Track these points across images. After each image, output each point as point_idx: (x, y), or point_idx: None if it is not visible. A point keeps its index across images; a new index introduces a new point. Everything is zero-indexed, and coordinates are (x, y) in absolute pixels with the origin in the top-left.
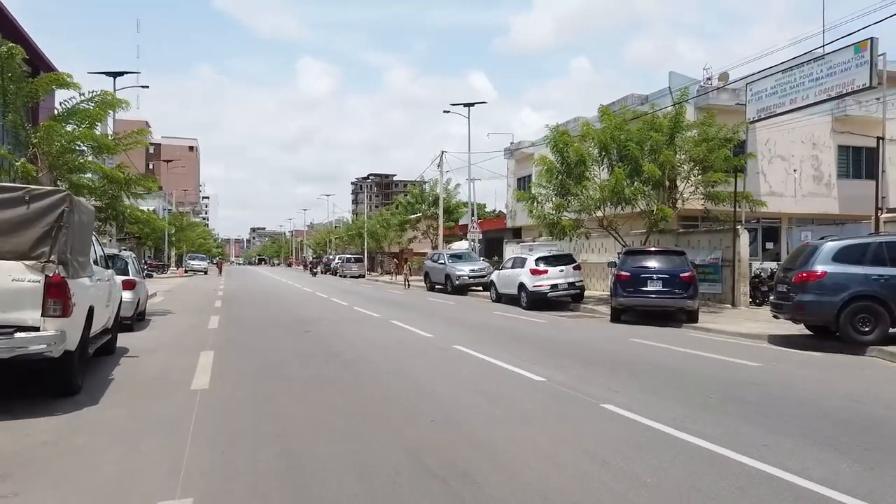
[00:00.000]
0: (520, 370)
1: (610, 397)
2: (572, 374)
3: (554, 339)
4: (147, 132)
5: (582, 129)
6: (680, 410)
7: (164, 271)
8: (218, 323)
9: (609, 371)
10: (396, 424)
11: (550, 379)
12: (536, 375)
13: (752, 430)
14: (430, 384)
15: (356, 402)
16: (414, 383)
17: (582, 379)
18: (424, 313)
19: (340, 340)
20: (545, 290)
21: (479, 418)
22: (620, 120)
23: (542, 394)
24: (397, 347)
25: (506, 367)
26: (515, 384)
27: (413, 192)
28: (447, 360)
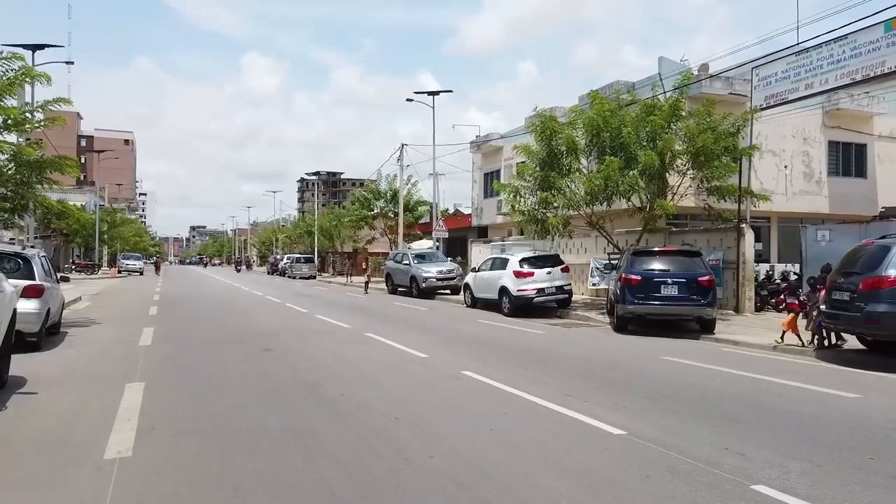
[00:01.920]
0: (581, 416)
1: (749, 469)
2: (650, 420)
3: (571, 356)
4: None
5: (569, 115)
6: (871, 495)
7: (94, 272)
8: (152, 337)
9: (696, 412)
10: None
11: (631, 432)
12: (608, 425)
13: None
14: (468, 447)
15: (372, 492)
16: (444, 448)
17: (674, 431)
18: (399, 323)
19: (314, 364)
20: (531, 294)
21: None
22: (614, 105)
23: (643, 465)
24: (392, 375)
25: (560, 410)
26: (593, 445)
27: (370, 187)
28: (469, 396)
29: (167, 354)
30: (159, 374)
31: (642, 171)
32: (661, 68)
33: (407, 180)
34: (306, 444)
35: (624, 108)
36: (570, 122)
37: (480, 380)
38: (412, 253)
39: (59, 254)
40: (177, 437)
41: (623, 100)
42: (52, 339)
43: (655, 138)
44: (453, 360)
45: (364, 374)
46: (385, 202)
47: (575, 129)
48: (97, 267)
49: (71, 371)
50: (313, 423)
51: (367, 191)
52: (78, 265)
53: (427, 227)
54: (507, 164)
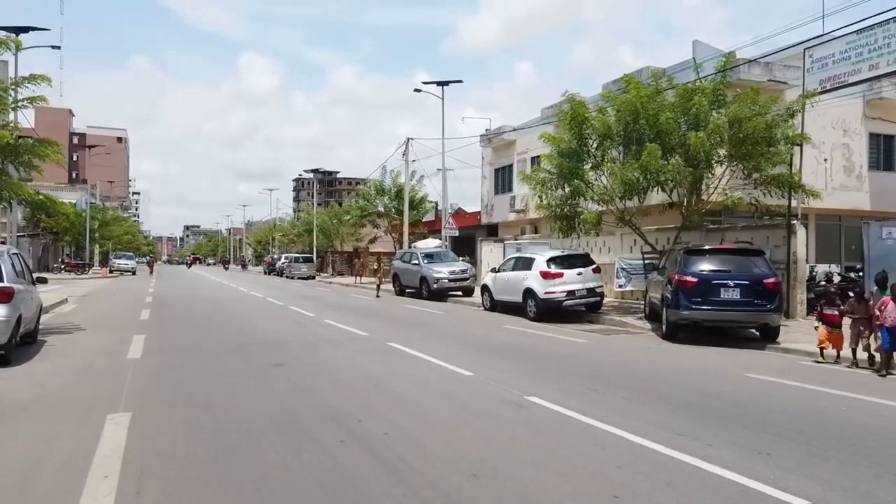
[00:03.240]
0: (738, 476)
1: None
2: (842, 485)
3: (635, 373)
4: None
5: (601, 101)
6: None
7: (84, 271)
8: (143, 348)
9: (877, 462)
10: None
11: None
12: (775, 489)
13: None
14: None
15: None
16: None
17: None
18: (420, 329)
19: (337, 385)
20: (560, 297)
21: None
22: (651, 90)
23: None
24: (441, 402)
25: (695, 464)
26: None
27: (374, 183)
28: (552, 436)
29: (160, 371)
30: (150, 400)
31: (691, 157)
32: (696, 53)
33: (412, 176)
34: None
35: (661, 94)
36: (601, 109)
37: (553, 409)
38: (421, 252)
39: (48, 252)
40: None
41: (660, 84)
42: (25, 351)
43: (698, 123)
44: (504, 380)
45: (405, 400)
46: (389, 199)
47: (606, 115)
48: (87, 266)
49: (41, 394)
50: (354, 469)
51: (370, 187)
52: (67, 264)
53: (431, 225)
54: (520, 158)
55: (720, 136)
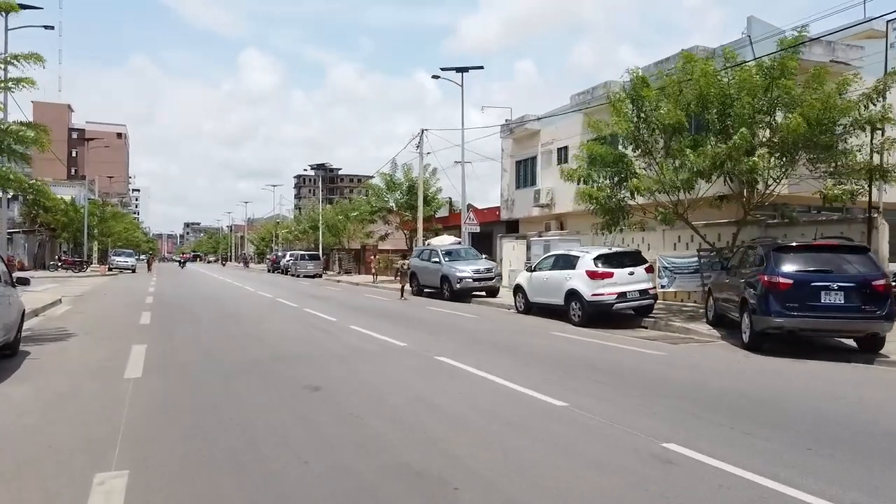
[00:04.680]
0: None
1: None
2: None
3: (754, 399)
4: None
5: (666, 82)
6: None
7: (82, 269)
8: (144, 363)
9: None
10: None
11: None
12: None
13: None
14: None
15: None
16: None
17: None
18: (460, 337)
19: (398, 423)
20: (609, 299)
21: None
22: (710, 70)
23: None
24: (545, 449)
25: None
26: None
27: (385, 177)
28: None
29: (165, 400)
30: (154, 450)
31: (781, 143)
32: (751, 30)
33: (425, 169)
34: None
35: (720, 73)
36: (663, 87)
37: (710, 465)
38: (442, 249)
39: (45, 249)
40: None
41: (730, 61)
42: (1, 367)
43: (777, 106)
44: (612, 414)
45: (505, 451)
46: (401, 193)
47: (666, 95)
48: (85, 264)
49: (4, 437)
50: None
51: (381, 181)
52: (64, 262)
53: (445, 221)
54: (545, 149)
55: (816, 120)
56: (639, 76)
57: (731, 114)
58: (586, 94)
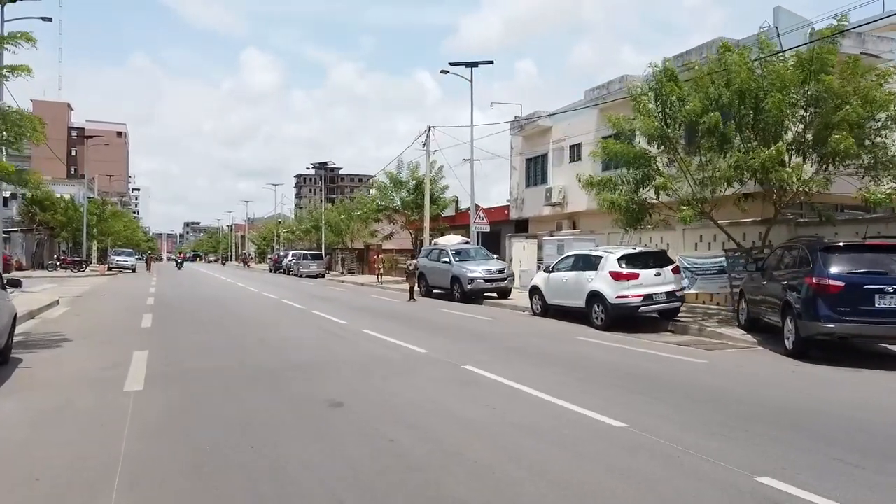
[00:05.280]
0: None
1: None
2: None
3: (836, 418)
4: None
5: (696, 74)
6: None
7: (81, 268)
8: (145, 372)
9: None
10: None
11: None
12: None
13: None
14: None
15: None
16: None
17: None
18: (481, 343)
19: (438, 449)
20: (635, 302)
21: None
22: (746, 61)
23: None
24: (601, 474)
25: None
26: None
27: (391, 175)
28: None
29: (170, 419)
30: (158, 484)
31: (814, 142)
32: (778, 21)
33: (432, 167)
34: None
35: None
36: (697, 81)
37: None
38: (451, 249)
39: (43, 248)
40: None
41: (766, 51)
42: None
43: (812, 102)
44: (681, 439)
45: (582, 496)
46: (407, 192)
47: (697, 90)
48: (84, 263)
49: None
50: None
51: (387, 178)
52: (63, 261)
53: (451, 220)
54: (556, 146)
55: (858, 120)
56: (666, 68)
57: (764, 108)
58: (601, 88)
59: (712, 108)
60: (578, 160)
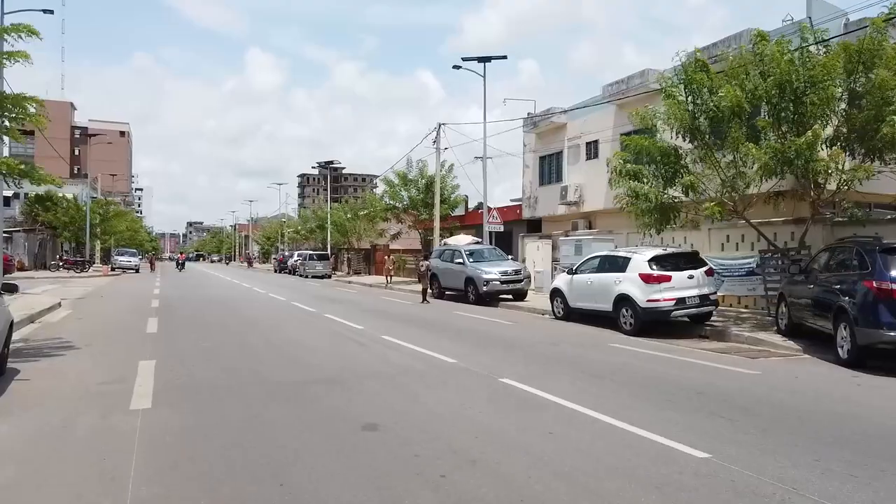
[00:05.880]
0: None
1: None
2: None
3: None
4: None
5: (731, 63)
6: None
7: (84, 269)
8: (153, 387)
9: None
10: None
11: None
12: None
13: None
14: None
15: None
16: None
17: None
18: (513, 351)
19: (487, 471)
20: (667, 306)
21: None
22: (783, 54)
23: None
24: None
25: None
26: None
27: (400, 173)
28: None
29: (183, 446)
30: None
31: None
32: (811, 11)
33: (442, 166)
34: None
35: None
36: (730, 72)
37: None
38: (465, 249)
39: (46, 248)
40: None
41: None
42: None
43: (867, 95)
44: (770, 468)
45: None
46: (417, 190)
47: (730, 81)
48: (87, 264)
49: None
50: None
51: (397, 176)
52: (66, 262)
53: (461, 220)
54: (571, 143)
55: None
56: (696, 59)
57: (805, 101)
58: (620, 84)
59: (748, 101)
60: (595, 158)
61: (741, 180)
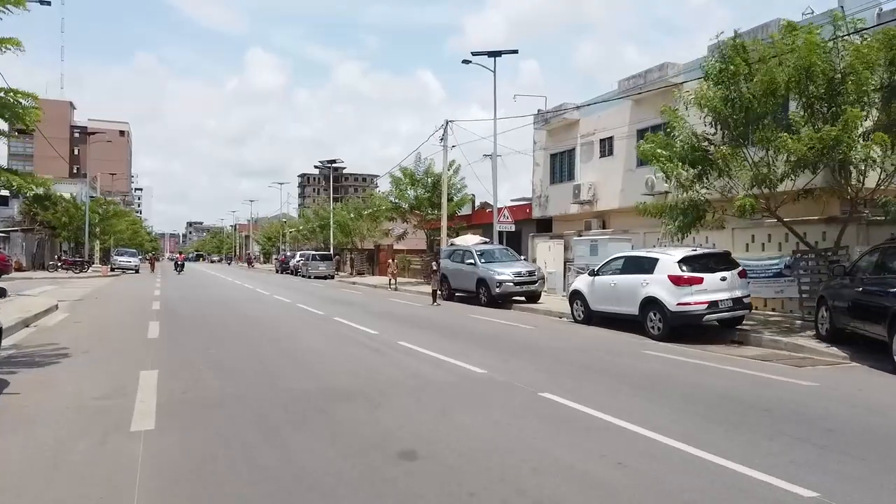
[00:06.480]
0: None
1: None
2: None
3: None
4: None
5: (762, 53)
6: None
7: (83, 269)
8: (156, 403)
9: None
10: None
11: None
12: None
13: None
14: None
15: None
16: None
17: None
18: (541, 360)
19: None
20: (699, 310)
21: None
22: (814, 41)
23: None
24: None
25: None
26: None
27: (407, 171)
28: None
29: (193, 478)
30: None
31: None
32: (843, 0)
33: (450, 165)
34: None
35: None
36: (762, 58)
37: None
38: (476, 250)
39: (44, 248)
40: None
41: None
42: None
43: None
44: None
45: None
46: (424, 189)
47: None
48: (87, 264)
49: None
50: None
51: (403, 174)
52: (64, 262)
53: (468, 220)
54: (585, 140)
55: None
56: (735, 43)
57: (841, 92)
58: (637, 78)
59: (782, 89)
60: (610, 155)
61: (774, 170)
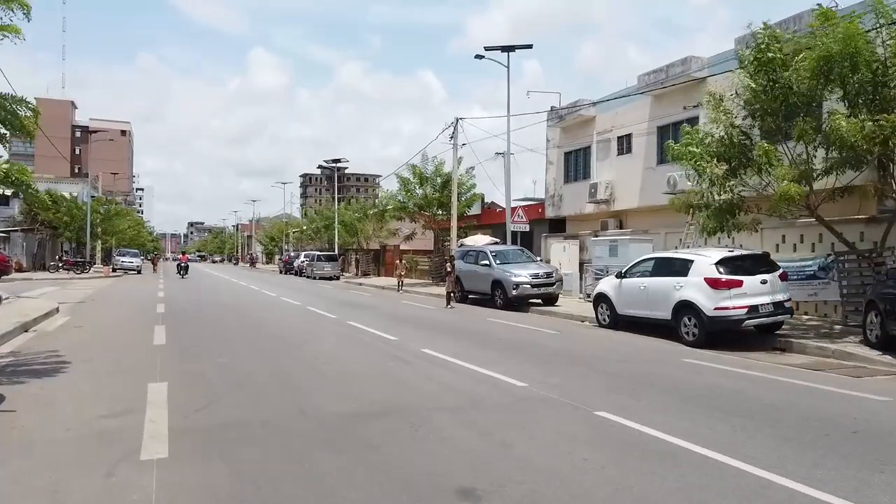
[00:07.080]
0: None
1: None
2: None
3: None
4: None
5: (798, 45)
6: None
7: (85, 270)
8: (168, 423)
9: None
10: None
11: None
12: None
13: None
14: None
15: None
16: None
17: None
18: (574, 367)
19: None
20: (738, 314)
21: None
22: (855, 30)
23: None
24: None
25: None
26: None
27: (416, 170)
28: None
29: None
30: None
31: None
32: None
33: (459, 163)
34: None
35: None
36: (797, 51)
37: None
38: (490, 251)
39: (45, 249)
40: None
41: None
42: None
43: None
44: None
45: None
46: (433, 188)
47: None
48: (88, 264)
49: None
50: None
51: (412, 174)
52: (66, 262)
53: (477, 220)
54: (601, 138)
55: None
56: (770, 33)
57: (889, 83)
58: (659, 72)
59: (836, 71)
60: (629, 153)
61: (818, 162)
